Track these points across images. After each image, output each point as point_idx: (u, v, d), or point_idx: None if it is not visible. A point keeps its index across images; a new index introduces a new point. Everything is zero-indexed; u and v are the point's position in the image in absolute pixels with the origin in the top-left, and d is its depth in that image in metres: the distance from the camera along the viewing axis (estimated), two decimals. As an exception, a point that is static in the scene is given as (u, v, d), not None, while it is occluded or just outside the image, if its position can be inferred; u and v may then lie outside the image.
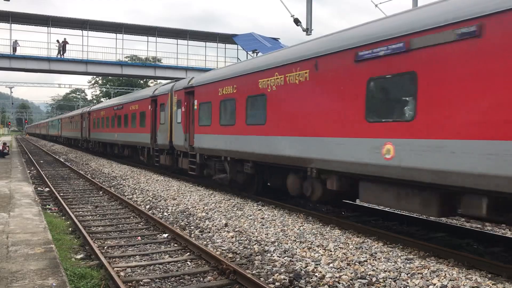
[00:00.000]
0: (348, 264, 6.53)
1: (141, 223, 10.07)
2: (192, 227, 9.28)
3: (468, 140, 6.27)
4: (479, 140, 6.13)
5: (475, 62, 6.21)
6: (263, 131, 11.16)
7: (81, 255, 7.38)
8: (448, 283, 5.67)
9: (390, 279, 5.87)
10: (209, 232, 8.77)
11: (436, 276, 5.94)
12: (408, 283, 5.76)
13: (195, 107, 15.43)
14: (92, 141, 33.90)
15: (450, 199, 6.95)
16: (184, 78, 18.67)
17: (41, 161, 27.30)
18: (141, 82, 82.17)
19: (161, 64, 43.58)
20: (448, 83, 6.58)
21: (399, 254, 7.01)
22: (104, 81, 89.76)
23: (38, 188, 15.17)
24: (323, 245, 7.55)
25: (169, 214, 10.72)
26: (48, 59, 36.40)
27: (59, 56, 36.43)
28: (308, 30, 17.45)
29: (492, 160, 5.92)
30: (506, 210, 6.50)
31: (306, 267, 6.45)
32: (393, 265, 6.45)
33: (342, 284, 5.78)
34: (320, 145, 9.15)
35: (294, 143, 9.99)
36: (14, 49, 35.76)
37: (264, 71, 11.21)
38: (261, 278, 6.01)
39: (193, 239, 8.18)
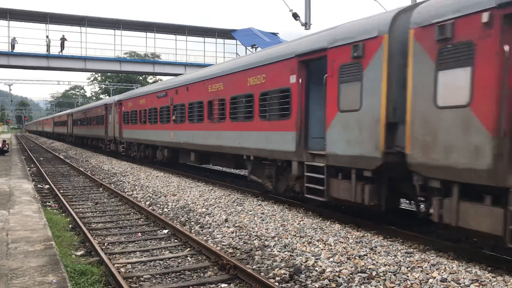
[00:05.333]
0: (348, 258, 6.53)
1: (141, 219, 10.08)
2: (192, 223, 9.29)
3: (181, 131, 16.69)
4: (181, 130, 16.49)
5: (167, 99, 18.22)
6: (148, 127, 20.73)
7: (82, 252, 7.38)
8: (448, 276, 5.68)
9: (390, 273, 5.88)
10: (209, 228, 8.78)
11: (436, 269, 5.95)
12: (408, 276, 5.77)
13: (123, 113, 25.02)
14: (74, 135, 43.41)
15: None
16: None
17: (41, 158, 27.29)
18: (140, 78, 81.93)
19: (160, 60, 43.55)
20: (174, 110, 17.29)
21: (399, 248, 7.02)
22: (103, 77, 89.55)
23: (38, 185, 15.17)
24: (323, 240, 7.55)
25: (169, 210, 10.73)
26: (47, 56, 36.35)
27: (48, 53, 36.32)
28: (306, 25, 17.39)
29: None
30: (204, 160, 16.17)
31: (306, 261, 6.46)
32: (393, 258, 6.46)
33: (342, 278, 5.79)
34: (161, 135, 18.92)
35: (158, 134, 19.30)
36: (13, 46, 35.67)
37: (142, 96, 21.91)
38: (261, 273, 6.02)
39: (193, 234, 8.19)
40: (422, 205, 7.61)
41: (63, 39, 37.46)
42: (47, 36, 36.86)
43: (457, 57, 6.32)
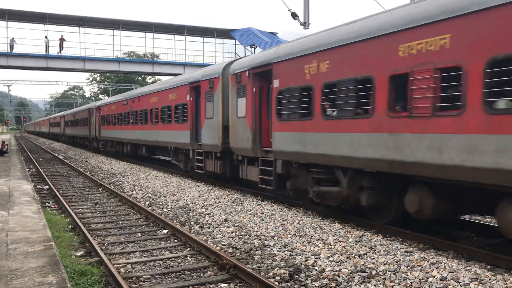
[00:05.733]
0: (348, 258, 6.54)
1: (141, 219, 10.08)
2: (192, 223, 9.29)
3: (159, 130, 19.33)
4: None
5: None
6: (116, 128, 26.51)
7: (81, 252, 7.38)
8: (447, 275, 5.69)
9: (390, 272, 5.88)
10: (209, 228, 8.78)
11: (436, 268, 5.95)
12: (407, 275, 5.77)
13: (101, 116, 30.54)
14: (66, 135, 49.60)
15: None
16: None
17: (40, 159, 27.27)
18: (139, 78, 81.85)
19: (159, 60, 43.46)
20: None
21: (399, 247, 7.03)
22: (102, 78, 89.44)
23: (38, 186, 15.16)
24: (322, 239, 7.56)
25: (168, 210, 10.73)
26: (46, 57, 36.28)
27: (47, 53, 36.26)
28: (305, 24, 17.38)
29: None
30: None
31: (306, 261, 6.46)
32: (393, 258, 6.46)
33: (342, 277, 5.79)
34: (125, 134, 24.37)
35: (123, 133, 24.65)
36: (11, 47, 35.59)
37: (113, 103, 27.86)
38: (261, 273, 6.02)
39: (193, 234, 8.19)
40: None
41: (62, 40, 37.40)
42: (45, 37, 36.79)
43: (242, 92, 11.93)
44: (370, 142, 7.74)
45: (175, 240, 8.14)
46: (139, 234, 8.74)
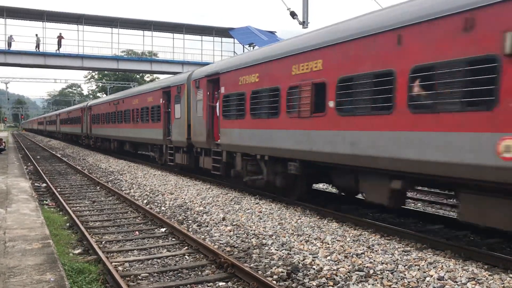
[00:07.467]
0: (345, 257, 6.55)
1: (139, 217, 10.07)
2: (189, 221, 9.29)
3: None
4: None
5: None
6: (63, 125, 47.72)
7: (79, 250, 7.37)
8: (445, 274, 5.70)
9: (387, 271, 5.90)
10: (207, 226, 8.78)
11: (433, 267, 5.97)
12: (405, 275, 5.79)
13: (60, 120, 49.46)
14: (47, 130, 67.42)
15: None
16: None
17: (38, 157, 27.22)
18: (138, 76, 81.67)
19: (157, 58, 43.36)
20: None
21: (396, 246, 7.04)
22: (100, 76, 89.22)
23: (35, 184, 15.13)
24: (320, 238, 7.57)
25: (166, 209, 10.72)
26: (44, 54, 36.16)
27: (37, 50, 36.13)
28: (304, 23, 17.37)
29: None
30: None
31: (303, 260, 6.47)
32: (391, 257, 6.48)
33: (340, 276, 5.80)
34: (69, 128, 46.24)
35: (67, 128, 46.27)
36: (9, 44, 35.48)
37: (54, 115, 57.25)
38: (259, 271, 6.03)
39: (191, 233, 8.19)
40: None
41: (60, 37, 37.29)
42: (36, 34, 36.65)
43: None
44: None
45: (173, 239, 8.14)
46: (137, 232, 8.74)
